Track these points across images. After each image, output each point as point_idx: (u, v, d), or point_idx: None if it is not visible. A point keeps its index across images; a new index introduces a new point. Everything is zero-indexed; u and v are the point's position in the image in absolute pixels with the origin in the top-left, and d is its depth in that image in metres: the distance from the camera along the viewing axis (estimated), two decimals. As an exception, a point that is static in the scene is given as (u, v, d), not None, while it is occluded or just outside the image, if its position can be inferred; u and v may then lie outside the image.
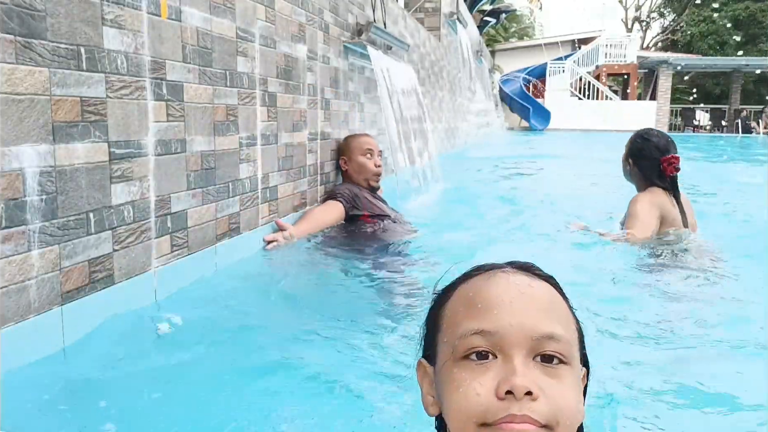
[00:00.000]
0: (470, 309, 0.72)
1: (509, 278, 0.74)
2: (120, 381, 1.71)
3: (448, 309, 0.76)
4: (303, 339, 2.07)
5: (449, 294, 0.79)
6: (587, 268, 2.82)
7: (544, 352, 0.69)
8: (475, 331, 0.70)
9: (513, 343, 0.69)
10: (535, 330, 0.69)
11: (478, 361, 0.69)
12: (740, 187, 6.48)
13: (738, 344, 2.02)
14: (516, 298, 0.71)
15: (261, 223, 3.18)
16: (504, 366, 0.68)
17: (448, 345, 0.72)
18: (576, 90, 23.55)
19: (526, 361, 0.68)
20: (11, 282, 1.68)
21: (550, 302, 0.73)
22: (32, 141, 1.72)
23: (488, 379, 0.68)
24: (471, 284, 0.76)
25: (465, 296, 0.75)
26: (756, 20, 26.49)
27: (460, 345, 0.70)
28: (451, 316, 0.75)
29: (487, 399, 0.67)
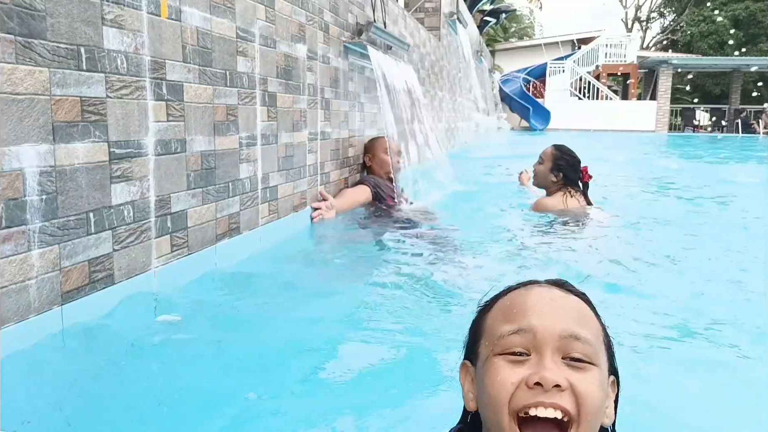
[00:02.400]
0: (508, 314, 0.82)
1: (543, 290, 0.85)
2: (120, 381, 1.71)
3: (489, 318, 0.87)
4: (303, 338, 2.07)
5: (490, 306, 0.89)
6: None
7: (571, 353, 0.78)
8: (512, 331, 0.79)
9: (544, 341, 0.77)
10: (563, 330, 0.78)
11: (514, 357, 0.78)
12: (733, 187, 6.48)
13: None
14: (548, 304, 0.81)
15: (261, 223, 3.18)
16: (537, 362, 0.77)
17: (488, 345, 0.82)
18: (576, 90, 23.54)
19: (556, 359, 0.77)
20: (11, 282, 1.68)
21: (579, 311, 0.83)
22: (32, 141, 1.72)
23: (522, 371, 0.77)
24: (509, 296, 0.87)
25: (503, 305, 0.86)
26: (756, 20, 26.47)
27: (499, 344, 0.80)
28: (491, 323, 0.85)
29: (519, 390, 0.75)
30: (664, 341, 2.09)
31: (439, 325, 2.19)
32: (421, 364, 1.88)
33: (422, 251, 3.29)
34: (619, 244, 3.51)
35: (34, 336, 1.74)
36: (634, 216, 4.48)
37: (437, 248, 3.35)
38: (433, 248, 3.34)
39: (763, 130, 21.14)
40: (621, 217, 4.24)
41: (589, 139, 15.70)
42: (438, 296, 2.56)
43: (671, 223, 4.32)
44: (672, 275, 2.97)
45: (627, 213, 4.60)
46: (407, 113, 5.43)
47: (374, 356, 1.94)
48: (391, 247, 3.41)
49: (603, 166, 8.80)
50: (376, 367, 1.87)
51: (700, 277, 2.93)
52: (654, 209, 5.06)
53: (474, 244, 3.48)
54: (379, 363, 1.89)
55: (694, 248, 3.51)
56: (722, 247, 3.54)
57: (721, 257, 3.31)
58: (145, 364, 1.83)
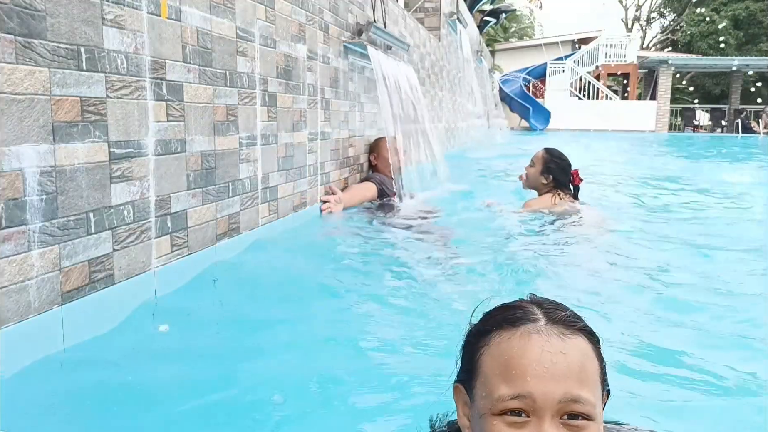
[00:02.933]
0: (507, 374, 0.82)
1: (543, 344, 0.83)
2: (120, 381, 1.71)
3: (485, 362, 0.86)
4: (304, 338, 2.07)
5: (485, 340, 0.88)
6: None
7: (571, 412, 0.81)
8: (511, 396, 0.81)
9: (544, 407, 0.80)
10: (563, 396, 0.80)
11: (512, 418, 0.81)
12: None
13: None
14: (548, 366, 0.81)
15: (261, 223, 3.18)
16: (536, 426, 0.80)
17: (487, 400, 0.83)
18: (576, 90, 23.54)
19: (554, 422, 0.80)
20: (11, 282, 1.68)
21: (580, 367, 0.82)
22: (32, 141, 1.72)
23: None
24: (506, 344, 0.85)
25: (500, 357, 0.84)
26: (756, 20, 26.45)
27: (498, 406, 0.82)
28: (488, 372, 0.85)
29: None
30: (651, 344, 2.10)
31: (428, 323, 2.19)
32: (421, 366, 1.88)
33: (419, 249, 3.38)
34: (611, 245, 3.53)
35: (34, 336, 1.74)
36: (631, 215, 4.51)
37: (433, 245, 3.49)
38: (430, 245, 3.49)
39: (762, 130, 21.14)
40: (615, 217, 4.28)
41: (590, 139, 15.71)
42: (432, 294, 2.56)
43: (668, 222, 4.32)
44: (661, 275, 2.96)
45: (626, 212, 4.62)
46: (407, 113, 5.43)
47: (374, 356, 1.94)
48: (391, 245, 3.41)
49: (604, 166, 8.82)
50: (375, 367, 1.87)
51: (692, 276, 2.93)
52: (652, 208, 5.08)
53: (467, 241, 3.59)
54: (379, 362, 1.89)
55: (688, 247, 3.51)
56: (720, 245, 3.54)
57: (718, 256, 3.31)
58: (146, 365, 1.83)
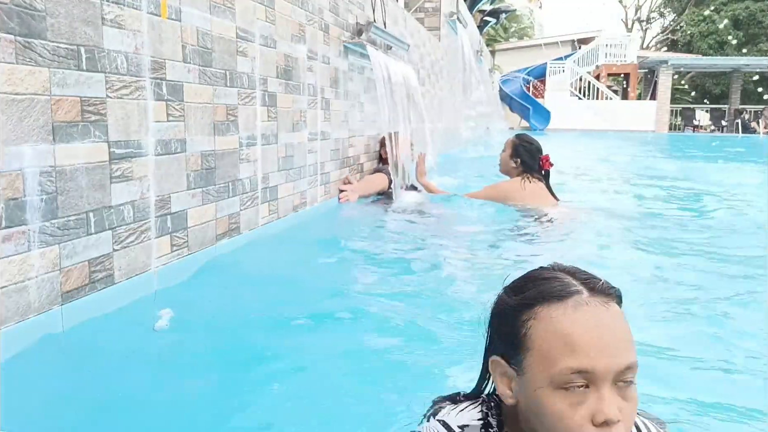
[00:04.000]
0: (567, 349, 0.85)
1: (595, 317, 0.86)
2: (120, 381, 1.70)
3: (539, 336, 0.88)
4: (304, 338, 2.07)
5: (532, 314, 0.89)
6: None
7: (624, 379, 0.85)
8: (574, 370, 0.84)
9: (605, 378, 0.84)
10: (620, 366, 0.84)
11: (573, 392, 0.84)
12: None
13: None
14: (605, 340, 0.85)
15: (261, 223, 3.19)
16: (594, 396, 0.84)
17: (544, 374, 0.86)
18: (576, 90, 23.52)
19: (611, 389, 0.84)
20: (11, 282, 1.68)
21: (627, 332, 0.87)
22: (32, 141, 1.72)
23: (585, 411, 0.83)
24: (560, 318, 0.87)
25: (558, 333, 0.86)
26: (756, 20, 26.43)
27: (559, 379, 0.85)
28: (545, 347, 0.87)
29: (587, 428, 0.83)
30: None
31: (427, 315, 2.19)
32: (420, 368, 1.88)
33: (419, 239, 3.58)
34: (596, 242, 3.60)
35: (34, 336, 1.74)
36: (628, 214, 4.54)
37: (435, 233, 3.82)
38: (432, 233, 3.81)
39: (763, 130, 21.14)
40: (588, 210, 4.42)
41: (590, 139, 15.71)
42: (430, 284, 2.56)
43: (664, 221, 4.33)
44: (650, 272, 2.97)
45: (624, 210, 4.64)
46: (407, 113, 5.43)
47: (374, 356, 1.94)
48: (392, 241, 3.42)
49: (605, 166, 8.83)
50: (376, 366, 1.87)
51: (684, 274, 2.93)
52: (648, 207, 5.09)
53: (459, 230, 3.82)
54: (380, 362, 1.89)
55: (682, 247, 3.52)
56: (716, 244, 3.54)
57: (715, 253, 3.31)
58: (146, 365, 1.83)
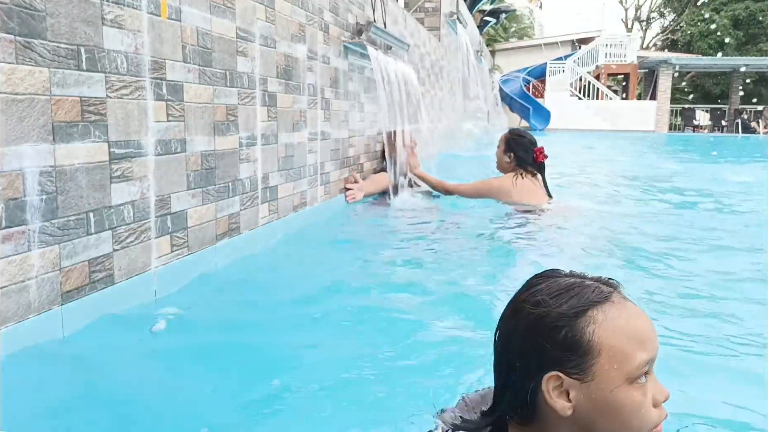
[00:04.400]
0: (639, 342, 0.91)
1: (633, 307, 0.94)
2: (120, 381, 1.71)
3: (606, 337, 0.91)
4: (304, 338, 2.07)
5: (588, 320, 0.91)
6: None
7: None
8: (647, 361, 0.91)
9: (654, 363, 0.92)
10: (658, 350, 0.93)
11: (641, 382, 0.91)
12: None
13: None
14: (652, 326, 0.94)
15: (261, 223, 3.19)
16: (651, 381, 0.92)
17: (621, 372, 0.90)
18: (576, 90, 23.51)
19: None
20: (11, 282, 1.68)
21: None
22: (32, 141, 1.72)
23: (650, 396, 0.91)
24: (620, 316, 0.92)
25: (626, 329, 0.91)
26: (756, 20, 26.42)
27: (637, 372, 0.90)
28: (618, 346, 0.90)
29: (653, 412, 0.91)
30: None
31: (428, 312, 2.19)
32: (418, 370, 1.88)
33: (417, 239, 3.63)
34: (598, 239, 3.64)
35: (34, 336, 1.74)
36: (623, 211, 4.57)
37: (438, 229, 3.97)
38: (430, 232, 3.90)
39: (762, 130, 21.13)
40: (583, 207, 4.49)
41: (590, 139, 15.71)
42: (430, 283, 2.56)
43: (661, 221, 4.33)
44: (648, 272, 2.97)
45: (623, 209, 4.66)
46: (406, 113, 5.44)
47: (374, 355, 1.94)
48: (392, 241, 3.42)
49: (603, 166, 8.83)
50: (375, 366, 1.87)
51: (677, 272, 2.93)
52: (645, 206, 5.10)
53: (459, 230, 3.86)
54: (379, 362, 1.89)
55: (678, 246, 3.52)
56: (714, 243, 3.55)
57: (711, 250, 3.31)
58: (145, 365, 1.83)
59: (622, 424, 0.90)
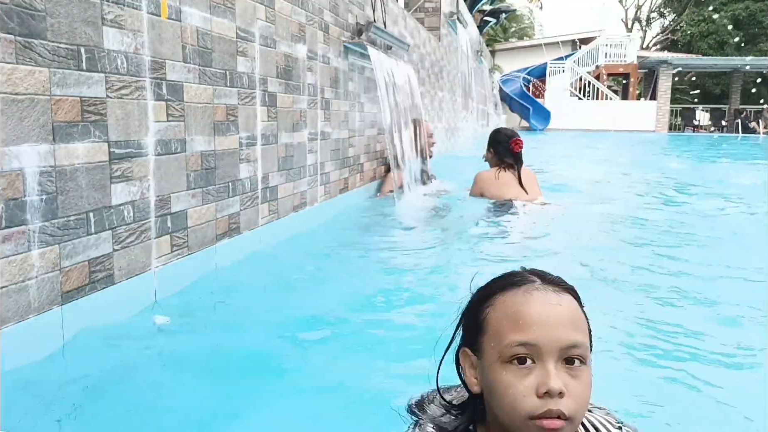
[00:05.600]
0: (513, 323, 0.92)
1: (543, 297, 0.93)
2: (120, 380, 1.71)
3: (492, 318, 0.95)
4: (304, 338, 2.07)
5: (489, 302, 0.97)
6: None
7: (569, 356, 0.90)
8: (519, 342, 0.90)
9: (547, 352, 0.89)
10: (563, 341, 0.90)
11: (519, 365, 0.90)
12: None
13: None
14: (550, 317, 0.91)
15: (261, 223, 3.18)
16: (540, 370, 0.89)
17: (495, 350, 0.92)
18: (576, 90, 23.51)
19: (557, 366, 0.89)
20: (11, 282, 1.68)
21: (574, 316, 0.93)
22: (32, 141, 1.72)
23: (530, 382, 0.89)
24: (512, 300, 0.94)
25: (508, 311, 0.94)
26: (756, 20, 26.42)
27: (506, 352, 0.91)
28: (496, 325, 0.94)
29: (531, 399, 0.89)
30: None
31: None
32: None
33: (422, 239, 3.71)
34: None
35: (34, 336, 1.74)
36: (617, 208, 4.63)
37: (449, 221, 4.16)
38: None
39: (763, 130, 21.13)
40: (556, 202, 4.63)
41: (591, 139, 15.70)
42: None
43: (657, 220, 4.34)
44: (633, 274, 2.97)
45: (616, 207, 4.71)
46: (406, 113, 5.44)
47: (373, 354, 1.94)
48: (394, 246, 3.42)
49: (602, 165, 8.83)
50: (375, 365, 1.87)
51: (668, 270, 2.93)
52: (640, 204, 5.13)
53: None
54: (378, 361, 1.89)
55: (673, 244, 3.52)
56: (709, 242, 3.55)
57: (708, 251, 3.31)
58: (145, 365, 1.83)
59: (497, 404, 0.92)
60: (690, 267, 3.03)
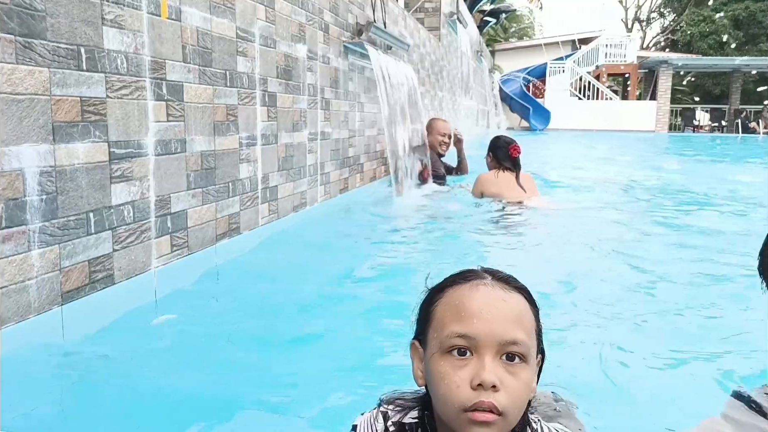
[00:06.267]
0: (455, 315, 0.92)
1: (488, 292, 0.94)
2: (119, 380, 1.71)
3: (438, 310, 0.96)
4: (304, 337, 2.07)
5: (440, 295, 0.98)
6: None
7: (509, 352, 0.90)
8: (458, 334, 0.90)
9: (485, 345, 0.89)
10: (503, 337, 0.90)
11: (458, 357, 0.90)
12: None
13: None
14: (491, 311, 0.91)
15: (261, 223, 3.18)
16: (477, 362, 0.89)
17: (437, 341, 0.93)
18: (576, 90, 23.51)
19: (494, 360, 0.89)
20: (11, 282, 1.68)
21: (519, 314, 0.93)
22: (32, 141, 1.72)
23: (465, 374, 0.89)
24: (458, 293, 0.95)
25: (452, 303, 0.95)
26: (756, 20, 26.42)
27: (446, 343, 0.91)
28: (440, 317, 0.95)
29: (464, 390, 0.88)
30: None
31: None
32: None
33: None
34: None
35: (34, 336, 1.74)
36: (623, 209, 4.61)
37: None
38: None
39: (762, 130, 21.13)
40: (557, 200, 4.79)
41: (591, 139, 15.71)
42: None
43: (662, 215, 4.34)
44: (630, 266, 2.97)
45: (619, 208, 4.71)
46: (406, 113, 5.44)
47: (373, 354, 1.94)
48: (393, 247, 3.42)
49: (601, 165, 8.83)
50: (374, 365, 1.87)
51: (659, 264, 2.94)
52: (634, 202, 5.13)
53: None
54: (377, 361, 1.89)
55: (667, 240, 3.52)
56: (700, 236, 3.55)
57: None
58: (145, 365, 1.83)
59: (434, 394, 0.94)
60: (689, 265, 3.02)
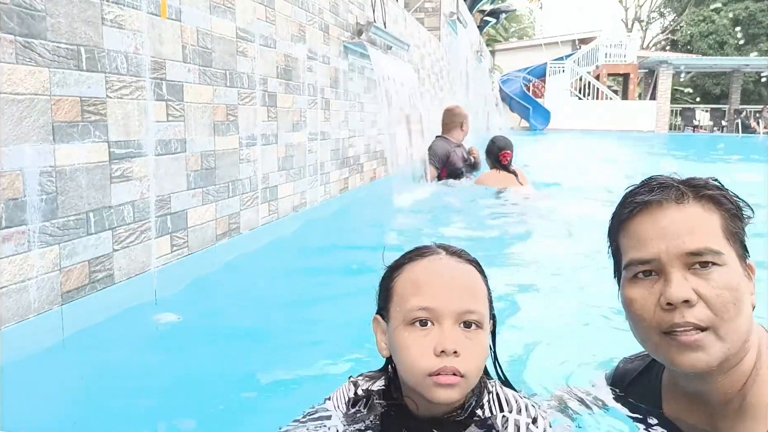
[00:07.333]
0: (416, 289, 1.02)
1: (444, 265, 1.04)
2: (119, 380, 1.71)
3: (399, 285, 1.05)
4: (304, 337, 2.07)
5: (399, 271, 1.06)
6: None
7: (466, 320, 1.00)
8: (419, 307, 1.00)
9: (445, 315, 0.99)
10: (460, 307, 1.00)
11: (420, 327, 1.00)
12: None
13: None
14: (449, 284, 1.01)
15: (261, 223, 3.18)
16: (438, 332, 0.99)
17: (399, 314, 1.02)
18: (576, 90, 23.50)
19: (453, 327, 0.99)
20: (11, 282, 1.68)
21: (472, 284, 1.04)
22: (32, 141, 1.72)
23: (428, 342, 0.99)
24: (416, 268, 1.05)
25: (412, 278, 1.04)
26: (756, 20, 26.41)
27: (409, 315, 1.00)
28: (401, 291, 1.04)
29: (428, 357, 0.98)
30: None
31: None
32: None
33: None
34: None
35: (34, 336, 1.74)
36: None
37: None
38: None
39: (762, 130, 21.13)
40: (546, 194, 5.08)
41: (591, 139, 15.71)
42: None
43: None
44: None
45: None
46: (406, 113, 5.44)
47: (373, 353, 1.94)
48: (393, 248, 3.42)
49: (599, 165, 8.83)
50: (376, 362, 1.86)
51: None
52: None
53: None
54: (377, 358, 1.89)
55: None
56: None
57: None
58: (145, 365, 1.83)
59: (400, 364, 1.02)
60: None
